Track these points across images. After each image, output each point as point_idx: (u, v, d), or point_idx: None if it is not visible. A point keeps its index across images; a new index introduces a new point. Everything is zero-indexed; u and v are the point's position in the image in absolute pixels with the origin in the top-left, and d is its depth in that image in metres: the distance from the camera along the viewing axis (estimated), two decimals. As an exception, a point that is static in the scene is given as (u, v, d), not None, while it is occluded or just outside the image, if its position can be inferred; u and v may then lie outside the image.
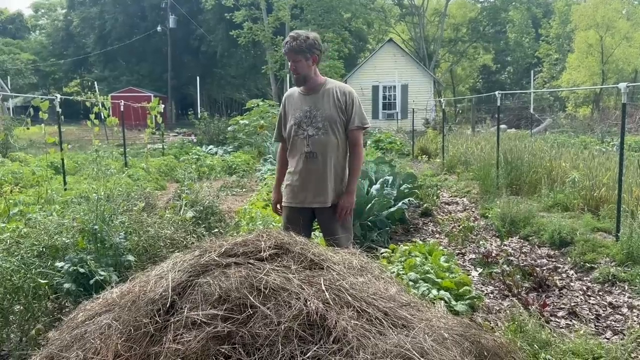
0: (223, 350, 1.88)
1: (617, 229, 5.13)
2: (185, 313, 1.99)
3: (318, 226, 3.68)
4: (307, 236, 3.35)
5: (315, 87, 3.31)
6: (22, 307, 3.19)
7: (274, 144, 12.80)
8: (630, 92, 24.58)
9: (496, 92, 8.63)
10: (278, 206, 3.56)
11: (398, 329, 2.02)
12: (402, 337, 1.95)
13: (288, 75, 26.78)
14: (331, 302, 2.05)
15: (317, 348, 1.89)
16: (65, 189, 7.11)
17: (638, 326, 3.47)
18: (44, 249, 3.42)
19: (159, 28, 38.73)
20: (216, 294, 2.03)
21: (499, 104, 8.81)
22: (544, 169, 7.85)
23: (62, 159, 7.53)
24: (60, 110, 7.30)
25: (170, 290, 2.07)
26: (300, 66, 3.24)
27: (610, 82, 27.08)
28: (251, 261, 2.23)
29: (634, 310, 3.81)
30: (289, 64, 3.32)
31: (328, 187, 3.29)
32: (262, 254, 2.28)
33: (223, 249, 2.29)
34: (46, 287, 3.21)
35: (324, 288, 2.11)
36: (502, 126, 20.81)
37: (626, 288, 4.22)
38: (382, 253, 4.62)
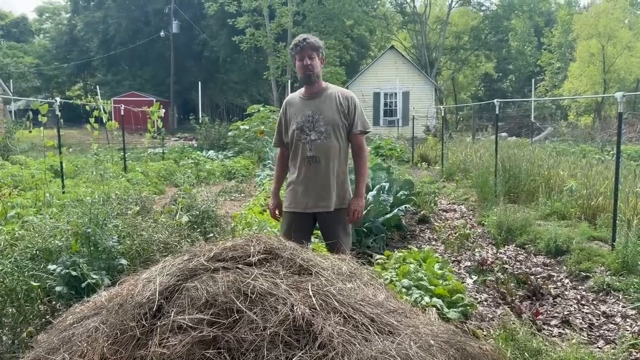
0: (208, 355, 1.89)
1: (613, 238, 5.12)
2: (171, 317, 1.99)
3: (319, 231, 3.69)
4: (307, 241, 3.39)
5: (318, 91, 3.34)
6: (14, 310, 3.19)
7: (273, 150, 12.83)
8: (631, 102, 24.47)
9: (495, 100, 8.64)
10: (277, 211, 3.56)
11: (384, 335, 2.03)
12: (387, 343, 1.96)
13: (290, 81, 26.87)
14: (318, 308, 2.05)
15: (302, 353, 1.90)
16: (64, 192, 7.13)
17: (630, 335, 3.46)
18: (38, 252, 3.43)
19: (162, 33, 38.86)
20: (203, 298, 2.04)
21: (497, 112, 8.83)
22: (542, 177, 7.85)
23: (61, 162, 7.56)
24: (59, 113, 7.33)
25: (157, 294, 2.08)
26: (314, 63, 3.28)
27: (612, 92, 27.07)
28: (240, 266, 2.24)
29: (627, 320, 3.80)
30: (301, 63, 3.27)
31: (331, 192, 3.31)
32: (250, 258, 2.28)
33: (212, 254, 2.30)
34: (39, 289, 3.22)
35: (311, 293, 2.11)
36: (503, 134, 20.83)
37: (620, 297, 4.21)
38: (376, 259, 4.62)
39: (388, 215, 5.75)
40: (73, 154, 14.16)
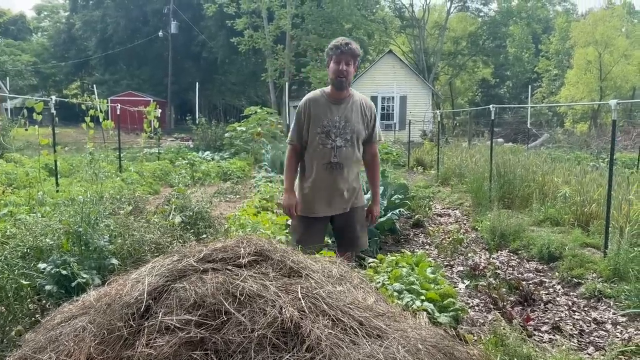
0: (195, 356, 1.88)
1: (605, 245, 5.14)
2: (159, 318, 1.98)
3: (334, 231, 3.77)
4: (322, 240, 3.54)
5: (345, 98, 3.36)
6: (3, 308, 3.18)
7: (269, 152, 12.82)
8: (627, 110, 24.58)
9: (490, 106, 8.66)
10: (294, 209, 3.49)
11: (372, 338, 2.02)
12: (375, 347, 1.95)
13: (287, 83, 26.89)
14: (306, 311, 2.05)
15: (289, 356, 1.89)
16: (57, 191, 7.11)
17: (620, 342, 3.47)
18: (28, 250, 3.42)
19: (160, 33, 38.87)
20: (191, 299, 2.03)
21: (493, 117, 8.84)
22: (536, 183, 7.87)
23: (55, 161, 7.53)
24: (55, 111, 7.31)
25: (145, 295, 2.07)
26: (350, 70, 3.28)
27: (608, 99, 27.17)
28: (229, 267, 2.23)
29: (618, 327, 3.81)
30: (337, 66, 3.24)
31: (350, 196, 3.43)
32: (240, 260, 2.28)
33: (202, 255, 2.29)
34: (28, 288, 3.20)
35: (300, 296, 2.11)
36: (499, 140, 20.88)
37: (611, 304, 4.22)
38: (369, 263, 4.61)
39: (382, 219, 5.75)
40: (68, 153, 14.12)
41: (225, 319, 1.97)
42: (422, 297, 3.70)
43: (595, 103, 23.72)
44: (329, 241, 4.53)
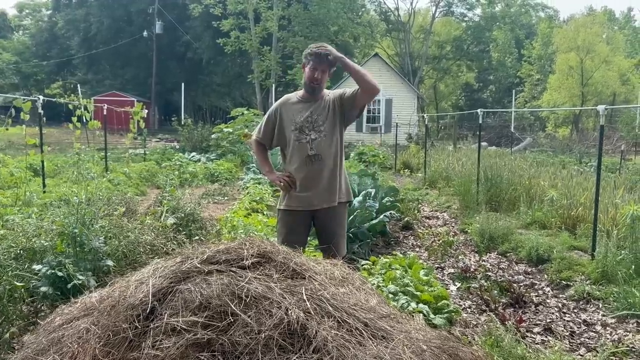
0: (202, 358, 1.88)
1: (592, 248, 5.22)
2: (165, 319, 1.98)
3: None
4: (305, 241, 3.48)
5: (318, 97, 3.43)
6: (-4, 310, 3.13)
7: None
8: (608, 115, 25.07)
9: (478, 110, 8.75)
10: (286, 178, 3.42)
11: (378, 340, 2.04)
12: (381, 348, 1.97)
13: (273, 85, 26.86)
14: (312, 312, 2.06)
15: (297, 357, 1.90)
16: (44, 192, 7.02)
17: (611, 343, 3.53)
18: (21, 252, 3.37)
19: (145, 33, 38.52)
20: (197, 300, 2.03)
21: (480, 121, 8.95)
22: (523, 186, 7.96)
23: (42, 161, 7.43)
24: (42, 111, 7.21)
25: (150, 296, 2.06)
26: (324, 78, 3.38)
27: (590, 104, 27.69)
28: (233, 269, 2.23)
29: (607, 328, 3.88)
30: (312, 73, 3.33)
31: (335, 186, 3.40)
32: (244, 262, 2.28)
33: (205, 256, 2.29)
34: (22, 290, 3.16)
35: (305, 298, 2.12)
36: (483, 144, 21.10)
37: (600, 306, 4.29)
38: (362, 265, 4.64)
39: (374, 222, 5.78)
40: (52, 153, 13.92)
41: (232, 320, 1.97)
42: (417, 299, 3.74)
43: (583, 108, 24.10)
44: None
